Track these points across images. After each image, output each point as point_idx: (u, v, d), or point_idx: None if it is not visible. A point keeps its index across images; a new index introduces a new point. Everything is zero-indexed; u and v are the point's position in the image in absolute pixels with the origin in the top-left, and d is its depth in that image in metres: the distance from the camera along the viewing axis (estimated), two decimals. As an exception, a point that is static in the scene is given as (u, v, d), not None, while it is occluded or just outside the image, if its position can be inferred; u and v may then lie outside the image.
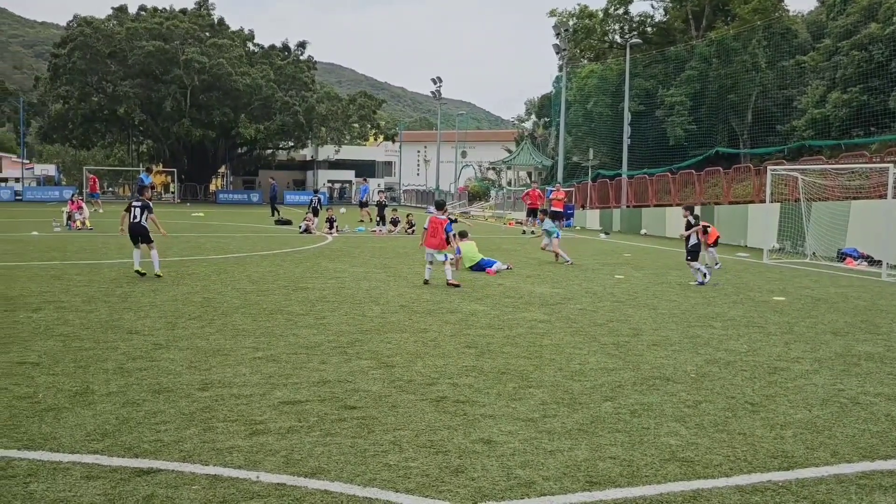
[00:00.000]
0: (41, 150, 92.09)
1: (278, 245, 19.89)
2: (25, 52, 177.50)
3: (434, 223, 12.56)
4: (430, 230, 12.52)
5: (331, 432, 4.98)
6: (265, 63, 65.41)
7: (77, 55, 59.43)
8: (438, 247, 12.54)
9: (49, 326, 8.18)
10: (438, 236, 12.53)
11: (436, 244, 12.51)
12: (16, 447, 4.57)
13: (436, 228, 12.52)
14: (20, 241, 19.48)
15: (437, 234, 12.51)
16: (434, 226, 12.53)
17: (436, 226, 12.54)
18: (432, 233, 12.50)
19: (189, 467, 4.33)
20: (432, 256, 12.54)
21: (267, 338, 7.87)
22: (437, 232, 12.52)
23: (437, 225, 12.55)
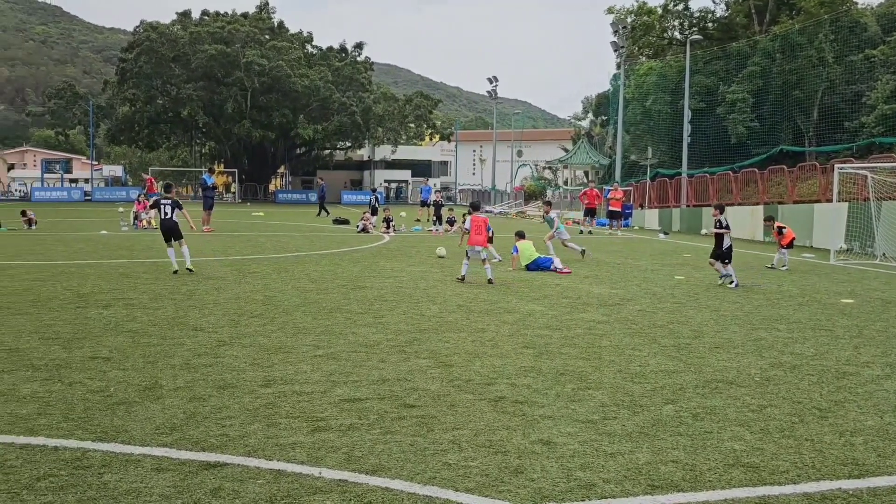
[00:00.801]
0: (109, 151, 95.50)
1: (336, 244, 20.17)
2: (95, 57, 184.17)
3: (477, 221, 12.93)
4: (475, 228, 12.85)
5: (391, 430, 5.03)
6: (323, 65, 66.41)
7: (143, 59, 61.44)
8: (483, 244, 12.85)
9: (119, 323, 8.48)
10: (483, 234, 12.87)
11: (482, 241, 12.83)
12: (90, 439, 4.76)
13: (479, 227, 12.88)
14: (90, 239, 20.23)
15: (481, 231, 12.87)
16: (477, 224, 12.89)
17: (479, 224, 12.91)
18: (477, 231, 12.84)
19: (254, 462, 4.44)
20: (478, 254, 12.74)
21: (327, 336, 8.00)
22: (482, 230, 12.87)
23: (481, 223, 12.94)
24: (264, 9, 71.67)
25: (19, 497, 3.88)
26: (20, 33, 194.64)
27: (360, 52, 72.69)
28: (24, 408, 5.34)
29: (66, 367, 6.47)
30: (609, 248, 21.53)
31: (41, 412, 5.25)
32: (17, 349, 7.11)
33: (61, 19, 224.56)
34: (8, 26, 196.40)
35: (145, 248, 18.08)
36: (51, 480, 4.10)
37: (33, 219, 24.79)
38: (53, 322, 8.44)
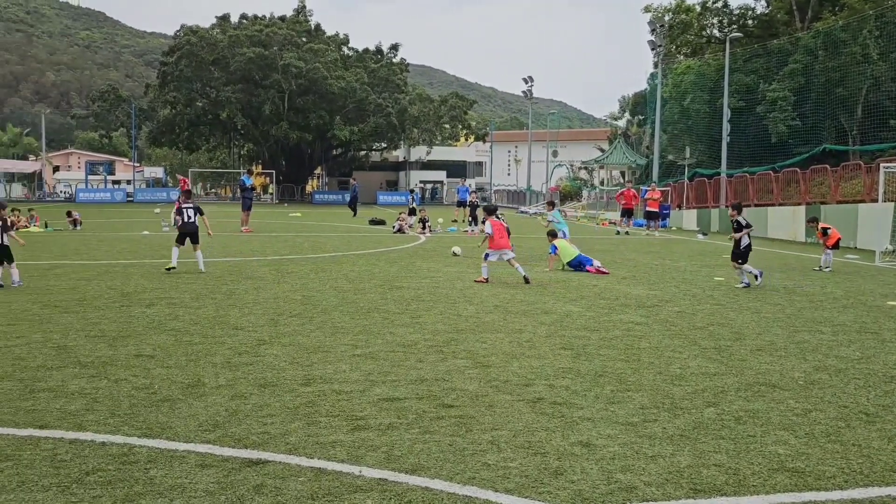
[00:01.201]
0: (150, 153, 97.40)
1: (372, 245, 20.30)
2: (136, 61, 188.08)
3: (497, 225, 12.99)
4: (497, 232, 12.89)
5: (429, 430, 5.05)
6: (359, 66, 66.89)
7: (184, 63, 62.56)
8: (508, 246, 12.99)
9: (162, 322, 8.65)
10: (506, 236, 13.00)
11: (507, 243, 12.94)
12: (136, 434, 4.86)
13: (501, 230, 12.97)
14: (133, 240, 20.65)
15: (503, 234, 12.98)
16: (499, 228, 12.97)
17: (500, 227, 13.00)
18: (500, 234, 12.91)
19: (295, 459, 4.49)
20: (504, 256, 12.81)
21: (365, 335, 8.06)
22: (504, 233, 12.99)
23: (501, 226, 13.03)
24: (301, 12, 72.48)
25: (69, 490, 3.98)
26: (65, 38, 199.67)
27: (395, 53, 73.07)
28: (72, 403, 5.48)
29: (111, 365, 6.62)
30: (647, 248, 21.30)
31: (89, 408, 5.38)
32: (66, 346, 7.29)
33: (104, 24, 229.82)
34: (54, 32, 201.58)
35: (186, 248, 18.35)
36: (99, 475, 4.20)
37: (78, 219, 25.39)
38: (99, 320, 8.64)
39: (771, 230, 27.08)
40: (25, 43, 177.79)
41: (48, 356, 6.89)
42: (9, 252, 11.30)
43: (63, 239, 20.82)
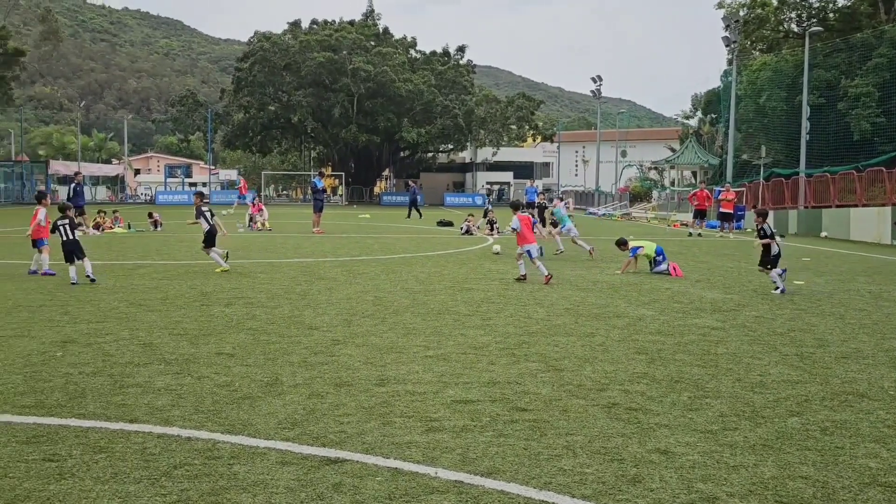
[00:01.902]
0: (225, 156, 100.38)
1: (441, 246, 20.40)
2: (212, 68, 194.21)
3: (525, 220, 13.07)
4: (526, 227, 12.92)
5: (504, 433, 5.04)
6: (426, 69, 67.35)
7: (257, 68, 64.27)
8: (534, 241, 13.10)
9: (240, 321, 8.90)
10: (531, 232, 13.09)
11: (533, 239, 13.05)
12: (220, 431, 5.02)
13: (528, 225, 13.07)
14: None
15: (530, 229, 13.08)
16: (526, 223, 13.03)
17: (527, 222, 13.11)
18: (528, 229, 12.96)
19: (372, 459, 4.55)
20: (531, 251, 12.85)
21: (436, 337, 8.11)
22: (530, 228, 13.10)
23: (528, 222, 13.15)
24: (370, 16, 73.51)
25: (159, 483, 4.14)
26: (146, 47, 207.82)
27: (462, 55, 73.27)
28: (159, 399, 5.69)
29: (194, 362, 6.86)
30: (721, 251, 20.75)
31: (174, 404, 5.59)
32: (151, 344, 7.59)
33: (182, 33, 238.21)
34: (136, 41, 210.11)
35: (261, 248, 18.88)
36: (186, 469, 4.35)
37: (159, 220, 26.38)
38: (181, 319, 8.96)
39: (854, 232, 25.99)
40: (109, 52, 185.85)
41: (135, 353, 7.19)
42: (80, 247, 12.04)
43: (145, 239, 21.67)
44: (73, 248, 11.90)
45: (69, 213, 12.40)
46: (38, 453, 4.56)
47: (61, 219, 12.14)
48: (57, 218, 12.20)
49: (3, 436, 4.86)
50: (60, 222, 12.07)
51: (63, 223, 12.05)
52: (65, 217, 12.20)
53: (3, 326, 8.38)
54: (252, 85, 65.33)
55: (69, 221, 12.12)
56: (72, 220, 12.24)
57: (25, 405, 5.51)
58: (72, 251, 11.88)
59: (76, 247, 11.94)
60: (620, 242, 15.26)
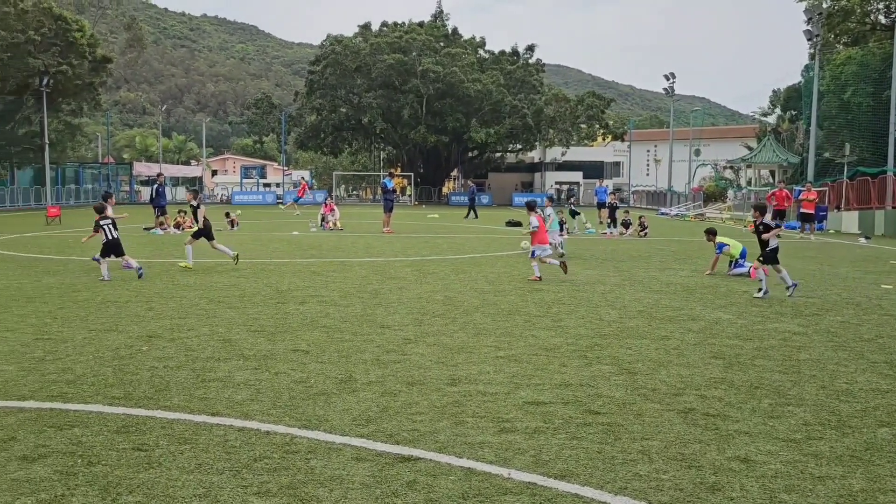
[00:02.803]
0: (297, 157, 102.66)
1: (510, 247, 20.34)
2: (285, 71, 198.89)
3: (541, 220, 13.34)
4: (542, 227, 13.21)
5: (577, 436, 5.00)
6: (495, 68, 67.22)
7: (329, 71, 65.44)
8: (547, 241, 13.45)
9: (314, 318, 9.09)
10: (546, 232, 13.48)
11: (547, 241, 13.44)
12: (296, 426, 5.14)
13: (542, 227, 13.33)
14: (283, 240, 21.84)
15: (545, 229, 13.42)
16: (542, 224, 13.31)
17: (542, 223, 13.38)
18: (543, 228, 13.27)
19: (444, 458, 4.58)
20: (544, 251, 13.13)
21: (507, 338, 8.10)
22: (545, 229, 13.43)
23: (542, 223, 13.39)
24: (439, 16, 73.84)
25: (240, 475, 4.27)
26: (223, 52, 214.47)
27: (531, 54, 72.81)
28: (239, 394, 5.87)
29: (271, 358, 7.04)
30: (802, 253, 20.01)
31: (253, 398, 5.75)
32: (230, 340, 7.84)
33: (257, 37, 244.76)
34: (213, 46, 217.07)
35: (333, 247, 19.23)
36: (265, 462, 4.48)
37: (235, 220, 27.17)
38: (258, 316, 9.21)
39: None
40: (189, 57, 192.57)
41: (216, 348, 7.43)
42: (121, 246, 12.67)
43: (222, 238, 22.32)
44: (114, 247, 12.50)
45: (108, 214, 13.01)
46: (127, 442, 4.77)
47: (103, 219, 12.74)
48: (99, 218, 12.80)
49: (95, 425, 5.11)
50: (103, 222, 12.66)
51: (106, 223, 12.65)
52: (106, 217, 12.80)
53: (94, 321, 8.80)
54: (324, 87, 66.55)
55: (111, 221, 12.74)
56: (114, 221, 12.85)
57: (115, 396, 5.77)
58: (112, 249, 12.48)
59: (117, 245, 12.55)
60: (710, 231, 14.94)
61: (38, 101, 52.30)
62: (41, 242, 20.63)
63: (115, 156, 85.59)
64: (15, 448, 4.66)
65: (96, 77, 57.43)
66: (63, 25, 52.14)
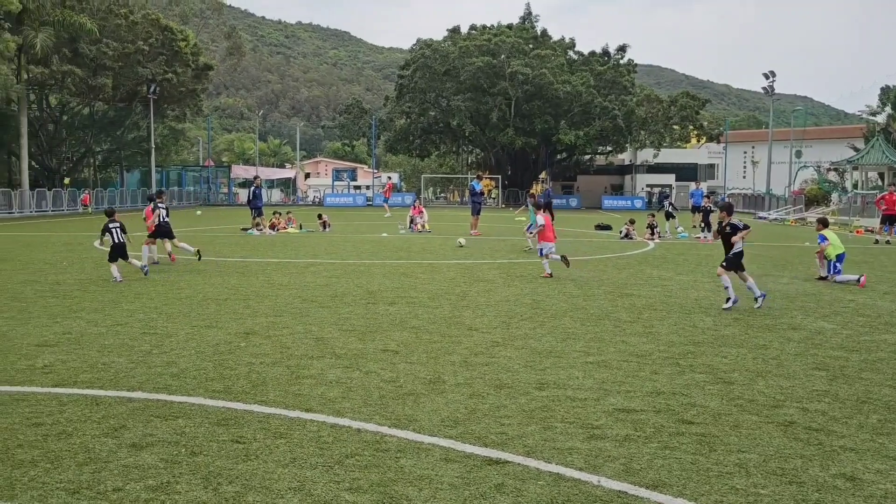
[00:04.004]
0: (387, 160, 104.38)
1: (599, 250, 20.03)
2: (376, 75, 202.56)
3: (548, 219, 13.92)
4: (549, 226, 13.77)
5: (669, 445, 4.88)
6: (585, 70, 66.36)
7: (418, 75, 66.23)
8: (553, 240, 13.91)
9: (403, 319, 9.22)
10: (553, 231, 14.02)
11: (553, 239, 13.96)
12: (386, 424, 5.23)
13: (550, 225, 13.88)
14: (373, 241, 22.25)
15: (552, 228, 13.97)
16: (549, 222, 13.88)
17: (549, 221, 13.93)
18: (550, 228, 13.83)
19: (533, 462, 4.56)
20: (550, 249, 13.67)
21: (596, 343, 7.98)
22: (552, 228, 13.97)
23: (549, 222, 13.93)
24: (527, 18, 73.51)
25: (333, 471, 4.39)
26: (316, 57, 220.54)
27: (622, 54, 71.45)
28: (331, 391, 6.03)
29: (362, 357, 7.19)
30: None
31: (344, 396, 5.89)
32: (322, 338, 8.05)
33: (349, 43, 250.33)
34: (307, 52, 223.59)
35: (421, 249, 19.45)
36: (357, 459, 4.58)
37: (327, 221, 27.88)
38: (349, 315, 9.42)
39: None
40: (284, 63, 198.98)
41: (309, 346, 7.66)
42: (125, 250, 12.99)
43: (315, 239, 22.98)
44: (120, 250, 12.91)
45: (117, 218, 13.42)
46: (227, 435, 4.98)
47: (112, 222, 13.15)
48: (108, 221, 13.21)
49: (198, 416, 5.36)
50: (112, 225, 13.07)
51: (114, 226, 13.06)
52: (115, 221, 13.22)
53: (195, 317, 9.22)
54: (413, 91, 67.38)
55: (120, 225, 13.15)
56: (122, 225, 13.24)
57: (216, 390, 6.03)
58: (118, 252, 12.90)
59: (123, 250, 12.95)
60: (821, 221, 14.56)
61: (145, 108, 55.25)
62: (147, 242, 21.74)
63: (215, 159, 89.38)
64: (125, 436, 4.94)
65: (199, 84, 60.14)
66: (169, 35, 54.87)
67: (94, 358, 7.08)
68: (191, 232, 26.17)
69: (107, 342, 7.77)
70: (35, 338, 7.97)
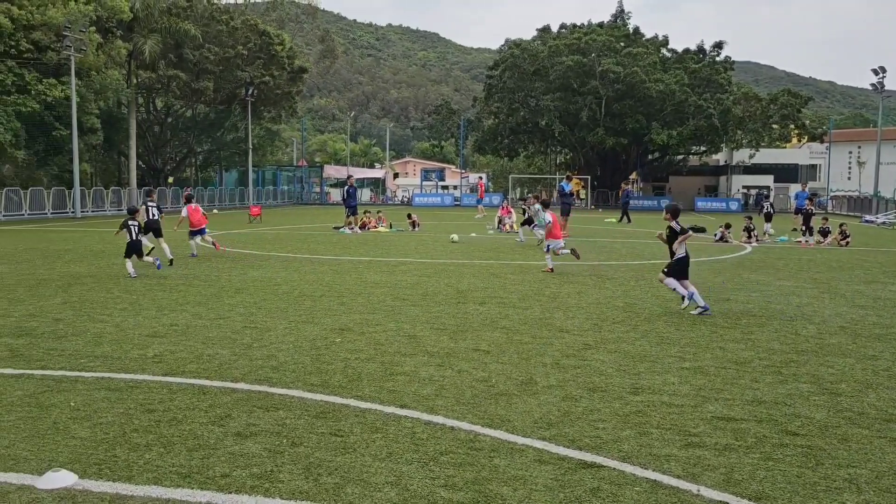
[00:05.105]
0: (474, 160, 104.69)
1: (693, 253, 19.42)
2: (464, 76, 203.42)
3: (554, 217, 14.83)
4: (556, 223, 14.66)
5: (772, 457, 4.71)
6: (679, 67, 64.62)
7: (507, 75, 66.12)
8: (560, 237, 14.74)
9: (493, 319, 9.25)
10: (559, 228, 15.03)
11: (561, 236, 14.83)
12: (480, 424, 5.27)
13: (556, 223, 14.76)
14: (463, 241, 22.35)
15: (558, 226, 14.91)
16: (556, 219, 14.81)
17: (556, 219, 14.89)
18: (556, 225, 14.70)
19: (628, 468, 4.50)
20: (557, 245, 14.43)
21: (692, 348, 7.77)
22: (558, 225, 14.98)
23: (555, 219, 14.90)
24: (619, 16, 72.22)
25: (428, 467, 4.46)
26: (406, 59, 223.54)
27: (718, 51, 69.15)
28: (424, 388, 6.12)
29: (453, 356, 7.26)
30: None
31: (437, 394, 5.96)
32: (415, 336, 8.17)
33: (438, 44, 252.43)
34: (397, 54, 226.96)
35: (509, 250, 19.42)
36: (451, 456, 4.64)
37: (416, 221, 28.22)
38: (440, 314, 9.52)
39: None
40: (375, 66, 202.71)
41: (401, 343, 7.79)
42: (140, 248, 13.45)
43: (405, 238, 23.32)
44: (135, 248, 13.31)
45: (137, 217, 13.86)
46: (325, 427, 5.13)
47: (131, 220, 13.57)
48: (127, 219, 13.64)
49: (297, 409, 5.55)
50: (131, 223, 13.50)
51: (133, 224, 13.49)
52: (134, 219, 13.64)
53: (292, 313, 9.53)
54: (502, 91, 67.31)
55: (138, 224, 13.60)
56: (139, 224, 13.72)
57: (314, 384, 6.23)
58: (133, 250, 13.29)
59: (138, 247, 13.37)
60: None
61: (243, 110, 57.41)
62: (245, 239, 22.62)
63: (308, 159, 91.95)
64: (230, 425, 5.17)
65: (294, 86, 62.01)
66: (266, 40, 56.83)
67: (200, 349, 7.43)
68: (284, 230, 27.05)
69: (210, 334, 8.14)
70: (145, 329, 8.43)
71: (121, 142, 50.82)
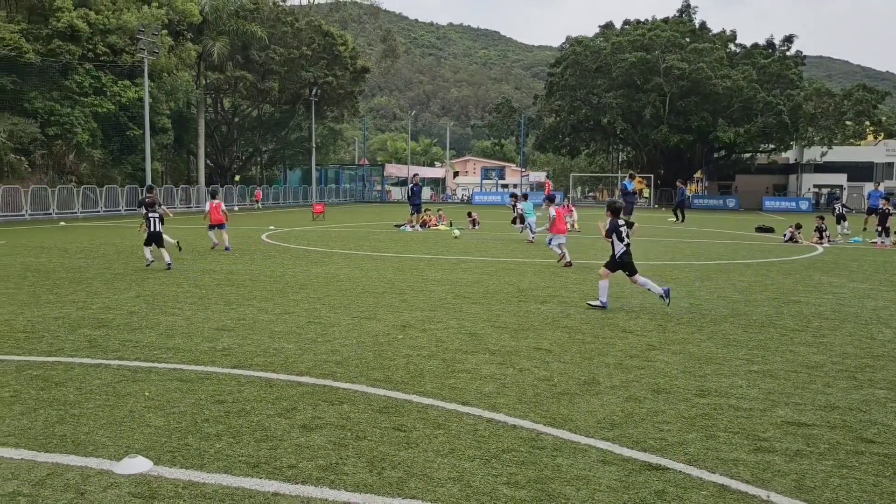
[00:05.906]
0: (535, 158, 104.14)
1: (761, 254, 18.94)
2: (524, 74, 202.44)
3: (559, 212, 15.59)
4: (560, 219, 15.41)
5: (846, 464, 4.55)
6: (747, 63, 62.93)
7: (568, 72, 65.55)
8: (564, 232, 15.54)
9: (555, 318, 9.19)
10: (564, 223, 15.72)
11: (564, 231, 15.57)
12: (542, 423, 5.25)
13: (562, 217, 15.60)
14: (523, 240, 22.27)
15: (563, 221, 15.65)
16: (560, 215, 15.53)
17: (562, 215, 15.63)
18: (561, 221, 15.44)
19: (695, 471, 4.42)
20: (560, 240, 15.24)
21: (760, 351, 7.57)
22: (563, 220, 15.69)
23: (562, 214, 15.73)
24: (685, 11, 70.71)
25: (490, 464, 4.47)
26: (466, 58, 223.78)
27: (789, 46, 67.10)
28: (486, 386, 6.13)
29: (515, 355, 7.25)
30: None
31: (499, 392, 5.97)
32: (476, 334, 8.19)
33: (498, 43, 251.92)
34: (458, 53, 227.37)
35: (571, 249, 19.17)
36: (513, 454, 4.64)
37: (476, 220, 28.24)
38: (500, 313, 9.52)
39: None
40: (435, 65, 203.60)
41: (463, 341, 7.82)
42: (161, 238, 13.83)
43: (465, 237, 23.36)
44: (156, 238, 13.75)
45: (159, 210, 14.16)
46: (388, 422, 5.20)
47: (152, 212, 13.90)
48: (149, 211, 14.00)
49: (361, 403, 5.63)
50: (151, 215, 13.84)
51: (154, 216, 13.81)
52: (155, 211, 13.95)
53: (355, 308, 9.67)
54: (563, 89, 66.76)
55: (159, 216, 13.92)
56: (161, 216, 14.04)
57: (376, 379, 6.31)
58: (154, 239, 13.74)
59: (159, 238, 13.77)
60: None
61: (307, 110, 58.49)
62: (308, 236, 23.04)
63: (370, 158, 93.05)
64: (297, 417, 5.29)
65: (356, 86, 62.86)
66: (330, 40, 57.75)
67: (266, 343, 7.61)
68: (346, 228, 27.45)
69: (276, 329, 8.33)
70: (214, 322, 8.68)
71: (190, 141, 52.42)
